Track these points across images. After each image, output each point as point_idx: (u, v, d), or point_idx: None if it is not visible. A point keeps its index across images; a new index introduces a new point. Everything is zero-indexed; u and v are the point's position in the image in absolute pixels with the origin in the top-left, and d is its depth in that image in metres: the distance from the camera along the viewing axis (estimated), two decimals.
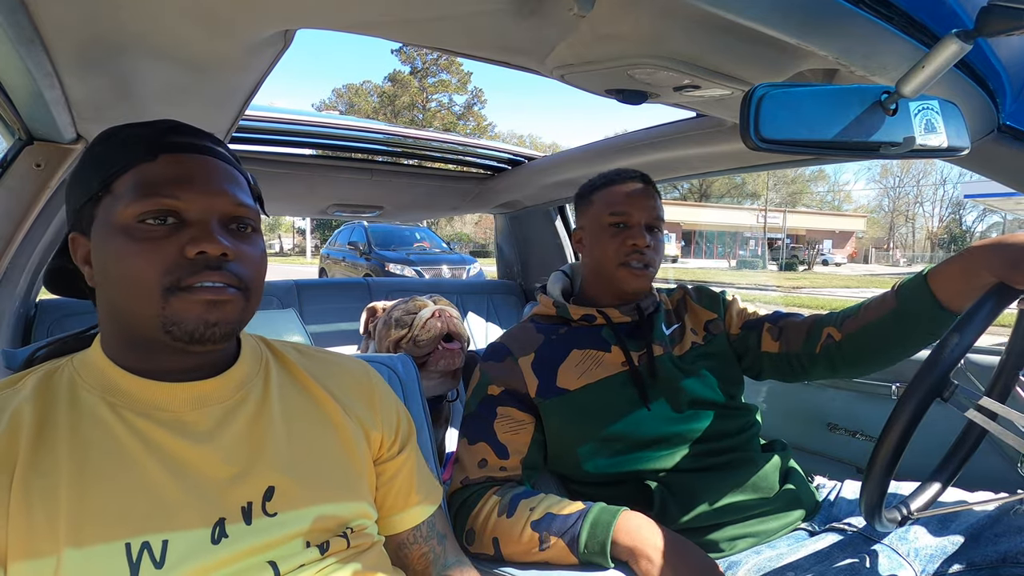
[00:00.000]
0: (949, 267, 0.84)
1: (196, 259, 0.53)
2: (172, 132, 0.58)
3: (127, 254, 0.53)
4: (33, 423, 0.52)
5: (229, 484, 0.55)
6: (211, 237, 0.53)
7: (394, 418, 0.72)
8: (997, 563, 0.79)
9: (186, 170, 0.55)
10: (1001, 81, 0.78)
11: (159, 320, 0.52)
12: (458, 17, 0.69)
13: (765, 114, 0.59)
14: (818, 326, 0.99)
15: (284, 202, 2.09)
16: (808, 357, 0.99)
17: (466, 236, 31.67)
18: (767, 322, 1.05)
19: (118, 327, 0.57)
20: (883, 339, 0.91)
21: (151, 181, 0.54)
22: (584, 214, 1.09)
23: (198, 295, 0.53)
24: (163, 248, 0.53)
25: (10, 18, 0.61)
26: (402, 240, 9.88)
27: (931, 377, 0.64)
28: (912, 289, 0.88)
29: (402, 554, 0.72)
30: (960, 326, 0.67)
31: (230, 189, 0.57)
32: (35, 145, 1.00)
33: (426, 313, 1.33)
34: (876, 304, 0.93)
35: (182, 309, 0.52)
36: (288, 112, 1.57)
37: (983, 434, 0.80)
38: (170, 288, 0.52)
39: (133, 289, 0.53)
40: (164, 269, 0.52)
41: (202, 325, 0.53)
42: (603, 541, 0.80)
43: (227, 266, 0.54)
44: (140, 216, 0.53)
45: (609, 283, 1.05)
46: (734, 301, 1.12)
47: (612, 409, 0.97)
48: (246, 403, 0.60)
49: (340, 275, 9.70)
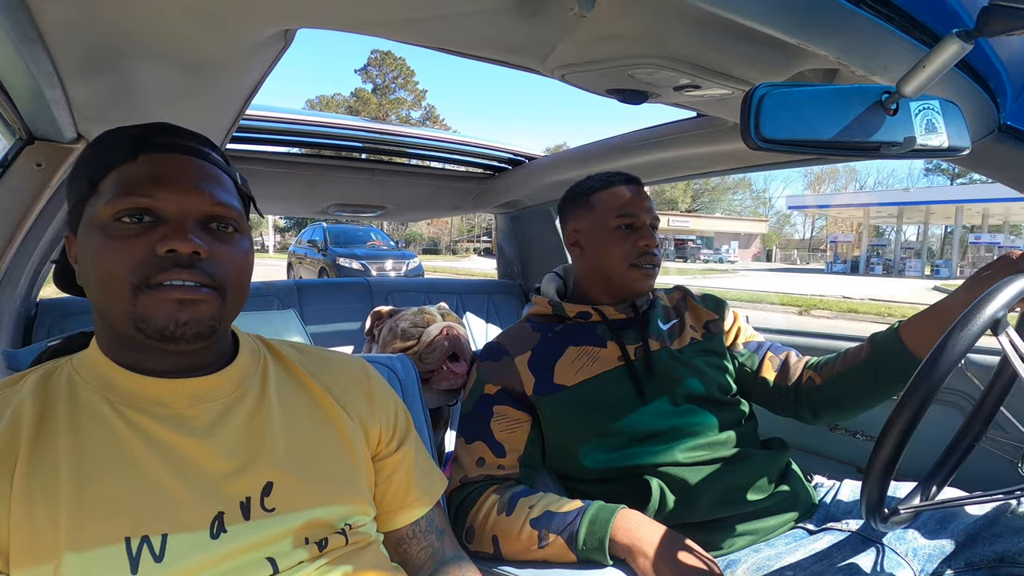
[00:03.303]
0: (921, 319, 0.90)
1: (165, 257, 0.53)
2: (157, 132, 0.58)
3: (102, 252, 0.53)
4: (33, 420, 0.52)
5: (228, 478, 0.56)
6: (182, 235, 0.53)
7: (392, 414, 0.72)
8: (995, 563, 0.79)
9: (163, 169, 0.56)
10: (1002, 81, 0.78)
11: (130, 317, 0.53)
12: (458, 17, 0.69)
13: (766, 114, 0.59)
14: (805, 368, 1.04)
15: (285, 202, 2.09)
16: (793, 396, 1.04)
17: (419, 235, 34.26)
18: (770, 351, 1.09)
19: (103, 324, 0.58)
20: (855, 387, 0.96)
21: (129, 180, 0.55)
22: (581, 217, 1.08)
23: (167, 293, 0.53)
24: (135, 246, 0.53)
25: (11, 17, 0.61)
26: (357, 239, 11.64)
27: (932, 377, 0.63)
28: (885, 340, 0.94)
29: (401, 549, 0.72)
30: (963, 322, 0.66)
31: (208, 188, 0.57)
32: (36, 145, 1.00)
33: (434, 330, 1.30)
34: (853, 353, 0.98)
35: (151, 306, 0.53)
36: (289, 112, 1.57)
37: (980, 434, 0.80)
38: (138, 285, 0.53)
39: (105, 286, 0.54)
40: (133, 266, 0.53)
41: (172, 323, 0.53)
42: (601, 538, 0.80)
43: (199, 265, 0.54)
44: (116, 214, 0.54)
45: (615, 284, 1.05)
46: (737, 314, 1.15)
47: (610, 404, 0.97)
48: (245, 399, 0.61)
49: (304, 270, 11.54)
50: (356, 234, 11.85)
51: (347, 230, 11.84)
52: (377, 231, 12.78)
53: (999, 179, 0.94)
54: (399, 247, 13.29)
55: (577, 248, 1.10)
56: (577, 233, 1.09)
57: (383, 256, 10.74)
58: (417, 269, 10.91)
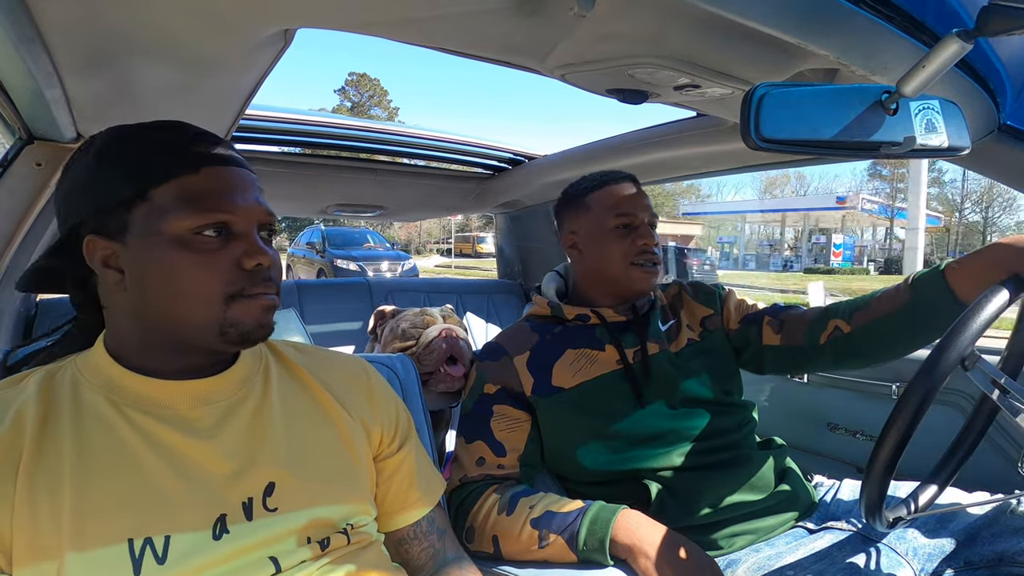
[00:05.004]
0: (970, 261, 0.82)
1: (255, 271, 0.57)
2: (201, 141, 0.59)
3: (185, 265, 0.55)
4: (37, 421, 0.52)
5: (230, 480, 0.56)
6: (261, 250, 0.58)
7: (393, 414, 0.73)
8: (994, 563, 0.79)
9: (231, 183, 0.58)
10: (1002, 81, 0.78)
11: (218, 324, 0.56)
12: (459, 17, 0.69)
13: (766, 114, 0.59)
14: (823, 318, 0.99)
15: (285, 202, 2.09)
16: (812, 349, 0.99)
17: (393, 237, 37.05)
18: (767, 315, 1.06)
19: (144, 330, 0.57)
20: (894, 332, 0.91)
21: (201, 194, 0.56)
22: (577, 218, 1.07)
23: (259, 301, 0.58)
24: (219, 260, 0.56)
25: (11, 17, 0.61)
26: (353, 241, 12.13)
27: (932, 377, 0.63)
28: (928, 283, 0.87)
29: (402, 550, 0.73)
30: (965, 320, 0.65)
31: (261, 199, 0.60)
32: (36, 144, 1.00)
33: (432, 331, 1.29)
34: (889, 297, 0.92)
35: (243, 313, 0.56)
36: (289, 112, 1.57)
37: (982, 433, 0.80)
38: (233, 296, 0.56)
39: (190, 298, 0.55)
40: (227, 280, 0.56)
41: (257, 327, 0.58)
42: (602, 539, 0.80)
43: (271, 275, 0.59)
44: (196, 228, 0.55)
45: (616, 285, 1.04)
46: (730, 295, 1.12)
47: (608, 407, 0.97)
48: (247, 401, 0.61)
49: (302, 270, 12.12)
50: (353, 236, 12.35)
51: (344, 232, 12.30)
52: (374, 233, 13.33)
53: (999, 179, 0.94)
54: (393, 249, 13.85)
55: (575, 251, 1.08)
56: (574, 235, 1.08)
57: (379, 257, 11.18)
58: (412, 270, 11.38)
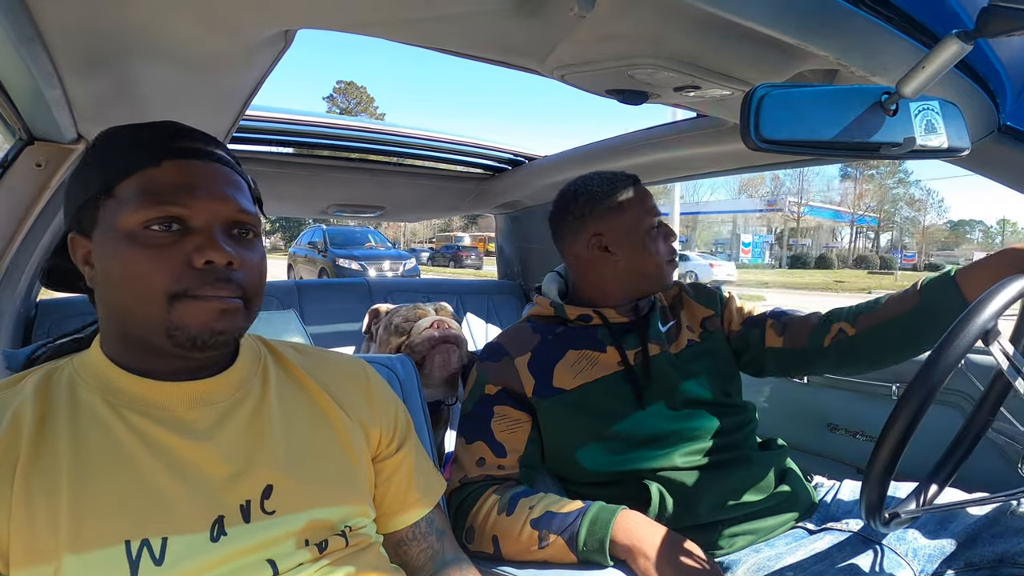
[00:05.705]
0: (980, 265, 0.83)
1: (205, 269, 0.53)
2: (177, 137, 0.58)
3: (132, 260, 0.53)
4: (34, 422, 0.52)
5: (228, 482, 0.56)
6: (216, 246, 0.54)
7: (392, 415, 0.72)
8: (995, 563, 0.79)
9: (191, 177, 0.55)
10: (1001, 81, 0.78)
11: (163, 325, 0.53)
12: (458, 17, 0.69)
13: (765, 114, 0.59)
14: (826, 321, 0.99)
15: (284, 202, 2.09)
16: (816, 352, 0.99)
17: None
18: (770, 318, 1.06)
19: (119, 328, 0.57)
20: (900, 335, 0.91)
21: (156, 188, 0.54)
22: (605, 218, 1.03)
23: (207, 303, 0.54)
24: (168, 255, 0.53)
25: (11, 17, 0.61)
26: (355, 241, 12.22)
27: (932, 377, 0.63)
28: (938, 286, 0.87)
29: (401, 551, 0.72)
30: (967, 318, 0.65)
31: (233, 195, 0.57)
32: (36, 145, 1.00)
33: (424, 323, 1.33)
34: (896, 301, 0.92)
35: (188, 315, 0.53)
36: (288, 112, 1.56)
37: (981, 433, 0.80)
38: (176, 295, 0.53)
39: (138, 294, 0.53)
40: (172, 277, 0.53)
41: (207, 332, 0.54)
42: (602, 539, 0.80)
43: (233, 275, 0.55)
44: (145, 222, 0.53)
45: (649, 282, 1.05)
46: (732, 298, 1.12)
47: (609, 408, 0.97)
48: (245, 402, 0.61)
49: (304, 269, 12.11)
50: (354, 235, 12.44)
51: (345, 232, 12.40)
52: (375, 233, 13.39)
53: (999, 179, 0.94)
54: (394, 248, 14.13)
55: (601, 251, 1.04)
56: (600, 236, 1.03)
57: (381, 257, 11.29)
58: (413, 269, 11.51)
